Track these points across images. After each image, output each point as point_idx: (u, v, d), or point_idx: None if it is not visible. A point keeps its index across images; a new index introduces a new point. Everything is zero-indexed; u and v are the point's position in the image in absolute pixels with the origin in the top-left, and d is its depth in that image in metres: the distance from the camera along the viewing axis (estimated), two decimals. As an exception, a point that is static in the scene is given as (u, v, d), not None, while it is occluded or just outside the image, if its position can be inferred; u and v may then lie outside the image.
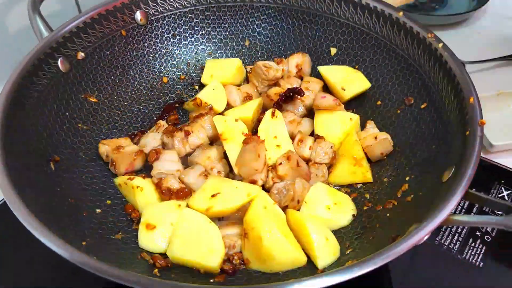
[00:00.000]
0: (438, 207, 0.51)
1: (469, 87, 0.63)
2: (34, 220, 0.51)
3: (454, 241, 0.72)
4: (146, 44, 0.85)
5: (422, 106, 0.72)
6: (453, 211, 0.51)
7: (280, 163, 0.68)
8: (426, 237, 0.50)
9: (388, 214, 0.64)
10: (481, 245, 0.72)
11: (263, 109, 0.81)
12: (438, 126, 0.67)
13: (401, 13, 0.75)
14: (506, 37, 1.09)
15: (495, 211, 0.73)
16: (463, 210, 0.76)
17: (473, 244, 0.72)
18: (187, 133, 0.73)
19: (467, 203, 0.76)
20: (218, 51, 0.90)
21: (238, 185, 0.65)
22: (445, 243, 0.72)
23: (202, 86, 0.86)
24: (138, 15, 0.83)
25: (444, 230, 0.73)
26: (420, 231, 0.49)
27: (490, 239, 0.72)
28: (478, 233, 0.73)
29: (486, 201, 0.53)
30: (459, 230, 0.73)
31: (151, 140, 0.75)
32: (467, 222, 0.54)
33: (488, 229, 0.73)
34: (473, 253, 0.71)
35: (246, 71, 0.88)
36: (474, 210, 0.75)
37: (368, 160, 0.73)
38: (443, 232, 0.73)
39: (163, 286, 0.47)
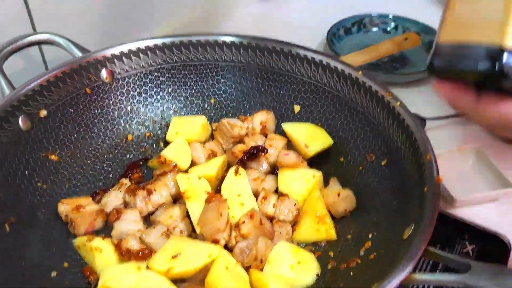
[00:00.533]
0: (398, 266, 0.51)
1: (426, 145, 0.65)
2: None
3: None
4: (111, 102, 0.85)
5: (383, 163, 0.73)
6: (414, 269, 0.51)
7: (243, 222, 0.67)
8: (386, 296, 0.50)
9: (351, 273, 0.63)
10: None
11: (228, 166, 0.81)
12: (398, 182, 0.68)
13: (360, 73, 0.78)
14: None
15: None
16: (429, 266, 0.76)
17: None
18: (150, 192, 0.72)
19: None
20: (184, 109, 0.90)
21: (199, 245, 0.63)
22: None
23: (167, 143, 0.86)
24: (104, 73, 0.83)
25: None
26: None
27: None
28: (445, 289, 0.72)
29: (445, 259, 0.53)
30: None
31: (113, 199, 0.74)
32: (429, 281, 0.54)
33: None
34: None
35: (212, 128, 0.88)
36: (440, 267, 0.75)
37: (332, 217, 0.73)
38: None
39: None
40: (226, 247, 0.66)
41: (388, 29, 1.36)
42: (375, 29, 1.36)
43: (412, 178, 0.65)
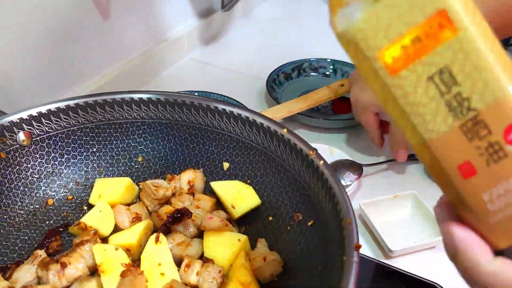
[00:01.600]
0: None
1: (347, 207, 0.63)
2: None
3: None
4: (29, 165, 0.81)
5: (309, 223, 0.71)
6: None
7: (162, 295, 0.63)
8: None
9: None
10: None
11: (154, 230, 0.77)
12: (323, 245, 0.66)
13: (285, 130, 0.77)
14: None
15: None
16: (362, 327, 0.73)
17: None
18: (64, 265, 0.68)
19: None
20: (110, 168, 0.87)
21: (111, 327, 0.59)
22: None
23: (90, 206, 0.82)
24: (21, 136, 0.79)
25: None
26: None
27: None
28: None
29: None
30: None
31: (25, 274, 0.69)
32: None
33: None
34: None
35: (139, 188, 0.85)
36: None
37: (259, 281, 0.70)
38: None
39: None
40: (143, 324, 0.62)
41: (327, 73, 1.37)
42: (314, 73, 1.37)
43: (335, 242, 0.63)
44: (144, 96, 0.84)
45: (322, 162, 0.71)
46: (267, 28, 1.68)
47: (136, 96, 0.84)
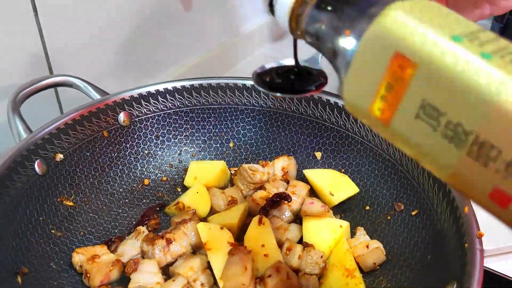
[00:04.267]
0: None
1: (462, 196, 0.62)
2: None
3: None
4: (128, 145, 0.83)
5: (413, 213, 0.70)
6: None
7: (269, 276, 0.63)
8: None
9: (386, 334, 0.59)
10: None
11: (249, 213, 0.77)
12: (432, 235, 0.65)
13: (386, 119, 0.76)
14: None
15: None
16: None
17: None
18: (169, 241, 0.69)
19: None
20: (202, 153, 0.88)
21: (224, 301, 0.60)
22: None
23: (184, 188, 0.83)
24: (122, 116, 0.81)
25: None
26: None
27: None
28: None
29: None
30: None
31: (130, 248, 0.71)
32: None
33: None
34: None
35: (231, 173, 0.86)
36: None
37: (360, 269, 0.69)
38: None
39: None
40: (250, 303, 0.62)
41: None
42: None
43: (448, 231, 0.62)
44: (239, 82, 0.85)
45: (429, 151, 0.69)
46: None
47: (231, 81, 0.85)
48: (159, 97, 0.84)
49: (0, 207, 0.63)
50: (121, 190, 0.81)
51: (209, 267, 0.67)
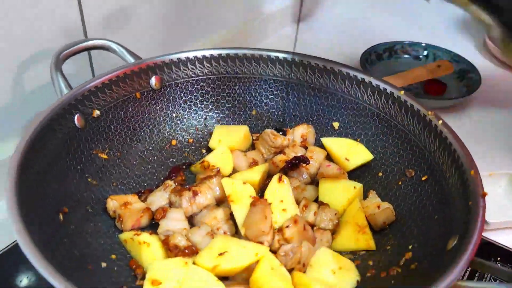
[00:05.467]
0: (445, 273, 0.53)
1: (469, 161, 0.67)
2: (47, 264, 0.51)
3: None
4: (158, 108, 0.89)
5: (423, 179, 0.75)
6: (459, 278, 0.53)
7: (287, 226, 0.69)
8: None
9: (392, 281, 0.64)
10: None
11: (268, 175, 0.83)
12: (439, 197, 0.70)
13: (402, 92, 0.81)
14: (494, 122, 1.16)
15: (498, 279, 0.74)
16: (464, 278, 0.76)
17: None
18: (195, 193, 0.75)
19: (467, 273, 0.77)
20: (226, 119, 0.94)
21: (246, 244, 0.65)
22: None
23: (208, 150, 0.89)
24: (153, 80, 0.87)
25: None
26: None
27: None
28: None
29: (490, 268, 0.55)
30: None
31: (158, 198, 0.77)
32: (474, 288, 0.55)
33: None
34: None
35: (252, 138, 0.91)
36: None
37: (371, 228, 0.75)
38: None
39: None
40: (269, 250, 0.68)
41: (420, 56, 1.39)
42: (406, 56, 1.39)
43: (455, 193, 0.67)
44: (265, 53, 0.90)
45: (441, 121, 0.74)
46: (356, 10, 1.71)
47: (257, 53, 0.91)
48: (189, 64, 0.90)
49: (44, 154, 0.69)
50: (150, 148, 0.87)
51: (231, 218, 0.73)
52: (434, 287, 0.52)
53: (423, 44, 1.38)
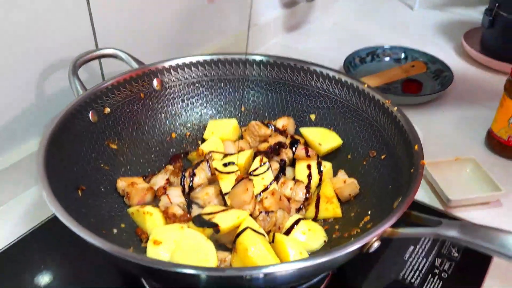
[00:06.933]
0: (384, 222, 0.66)
1: (415, 138, 0.80)
2: (76, 225, 0.65)
3: (415, 277, 0.85)
4: (159, 106, 1.04)
5: (382, 157, 0.89)
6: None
7: (266, 197, 0.83)
8: (376, 244, 0.64)
9: (352, 239, 0.77)
10: (438, 280, 0.84)
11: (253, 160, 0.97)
12: (393, 170, 0.84)
13: (365, 85, 0.95)
14: (464, 115, 1.29)
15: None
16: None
17: (431, 280, 0.84)
18: (190, 175, 0.89)
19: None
20: (219, 114, 1.08)
21: (230, 211, 0.79)
22: (407, 278, 0.84)
23: (204, 141, 1.04)
24: (155, 82, 1.02)
25: (407, 267, 0.86)
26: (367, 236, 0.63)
27: (446, 276, 0.85)
28: (436, 271, 0.86)
29: (422, 218, 0.68)
30: (420, 267, 0.86)
31: (160, 180, 0.91)
32: (409, 234, 0.68)
33: (445, 267, 0.87)
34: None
35: (241, 131, 1.05)
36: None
37: (339, 200, 0.88)
38: (405, 269, 0.86)
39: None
40: (250, 216, 0.82)
41: (400, 59, 1.53)
42: (387, 59, 1.53)
43: (404, 165, 0.80)
44: (250, 57, 1.05)
45: (396, 108, 0.88)
46: (344, 19, 1.86)
47: (243, 57, 1.05)
48: (186, 68, 1.04)
49: (65, 143, 0.84)
50: (153, 140, 1.02)
51: (221, 194, 0.87)
52: (373, 231, 0.65)
53: (401, 47, 1.52)
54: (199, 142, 1.05)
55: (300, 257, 0.73)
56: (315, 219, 0.86)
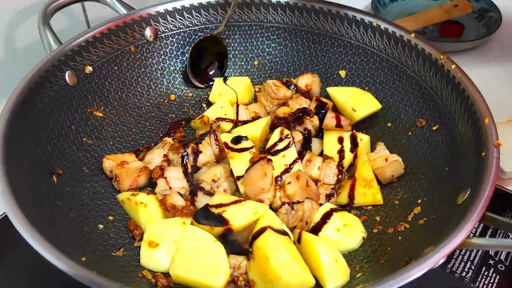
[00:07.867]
0: (455, 229, 0.50)
1: (483, 109, 0.62)
2: (35, 233, 0.49)
3: (466, 269, 0.70)
4: (154, 61, 0.85)
5: (434, 128, 0.71)
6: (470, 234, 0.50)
7: (289, 182, 0.66)
8: (442, 260, 0.48)
9: (399, 237, 0.62)
10: (494, 274, 0.69)
11: (271, 129, 0.79)
12: (451, 148, 0.66)
13: (412, 35, 0.75)
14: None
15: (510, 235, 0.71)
16: (476, 234, 0.74)
17: (486, 273, 0.69)
18: (194, 150, 0.72)
19: (480, 229, 0.74)
20: (227, 70, 0.89)
21: (244, 203, 0.63)
22: (457, 271, 0.69)
23: (209, 104, 0.86)
24: (148, 32, 0.83)
25: (456, 257, 0.71)
26: (436, 254, 0.47)
27: (504, 268, 0.70)
28: (491, 262, 0.70)
29: (502, 224, 0.51)
30: (471, 257, 0.71)
31: (156, 156, 0.74)
32: (485, 246, 0.52)
33: (501, 257, 0.71)
34: (486, 282, 0.68)
35: (255, 90, 0.87)
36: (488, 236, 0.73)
37: (378, 182, 0.71)
38: (454, 260, 0.71)
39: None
40: (270, 207, 0.65)
41: (436, -4, 1.30)
42: (421, -5, 1.31)
43: (467, 143, 0.62)
44: (268, -2, 0.85)
45: (454, 66, 0.69)
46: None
47: (257, -2, 0.85)
48: (185, 13, 0.84)
49: (34, 113, 0.66)
50: (148, 104, 0.84)
51: (231, 175, 0.70)
52: (442, 244, 0.49)
53: (440, -18, 1.29)
54: (204, 105, 0.87)
55: (335, 265, 0.57)
56: (349, 206, 0.69)
